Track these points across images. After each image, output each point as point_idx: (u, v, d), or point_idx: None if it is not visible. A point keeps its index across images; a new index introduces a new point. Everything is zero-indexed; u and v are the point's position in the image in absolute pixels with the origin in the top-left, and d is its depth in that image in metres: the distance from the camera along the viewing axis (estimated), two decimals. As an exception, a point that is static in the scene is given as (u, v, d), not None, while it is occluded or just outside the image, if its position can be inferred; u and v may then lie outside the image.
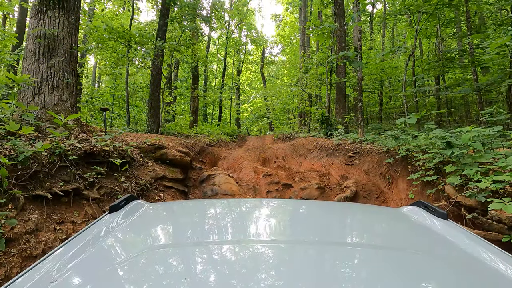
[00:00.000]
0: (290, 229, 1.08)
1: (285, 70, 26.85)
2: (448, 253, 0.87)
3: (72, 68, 4.87)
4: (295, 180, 6.42)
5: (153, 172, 4.73)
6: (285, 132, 16.41)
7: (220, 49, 27.25)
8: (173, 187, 4.89)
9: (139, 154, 4.96)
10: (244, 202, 1.67)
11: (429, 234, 0.99)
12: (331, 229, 1.08)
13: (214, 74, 28.35)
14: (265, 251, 0.81)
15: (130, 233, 1.00)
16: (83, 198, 3.29)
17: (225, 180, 5.70)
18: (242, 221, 1.18)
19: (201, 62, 16.76)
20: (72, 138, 4.08)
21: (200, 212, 1.30)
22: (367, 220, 1.24)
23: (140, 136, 6.15)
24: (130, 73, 15.03)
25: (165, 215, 1.26)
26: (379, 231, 1.12)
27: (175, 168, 5.37)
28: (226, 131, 19.35)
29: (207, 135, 15.33)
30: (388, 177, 4.72)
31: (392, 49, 6.73)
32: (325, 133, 9.60)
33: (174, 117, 17.76)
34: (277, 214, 1.30)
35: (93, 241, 0.87)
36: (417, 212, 1.16)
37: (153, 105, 11.33)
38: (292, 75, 18.95)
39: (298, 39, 27.30)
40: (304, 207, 1.43)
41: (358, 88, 7.39)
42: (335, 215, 1.29)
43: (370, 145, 6.33)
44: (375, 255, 0.80)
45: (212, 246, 0.84)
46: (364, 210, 1.50)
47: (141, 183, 4.18)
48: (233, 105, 26.73)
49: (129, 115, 13.50)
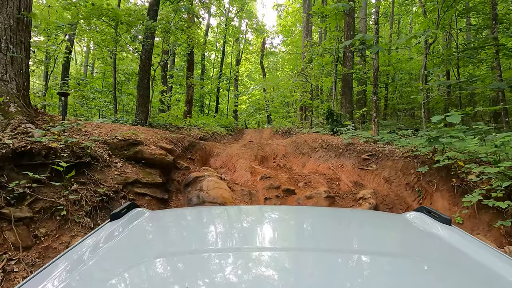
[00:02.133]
0: (294, 236, 1.07)
1: (285, 62, 25.69)
2: (455, 260, 0.85)
3: (20, 39, 3.80)
4: (298, 185, 5.45)
5: (122, 176, 3.73)
6: (285, 127, 15.40)
7: (219, 39, 25.96)
8: (148, 194, 3.89)
9: (106, 151, 3.95)
10: (245, 210, 1.70)
11: (435, 241, 0.98)
12: (335, 236, 1.06)
13: (212, 64, 27.11)
14: (268, 259, 0.80)
15: (130, 241, 0.97)
16: (3, 218, 2.29)
17: (214, 184, 4.71)
18: (244, 229, 1.16)
19: (197, 49, 15.54)
20: (8, 130, 3.05)
21: (202, 220, 1.28)
22: (372, 227, 1.21)
23: (115, 128, 5.13)
24: (123, 57, 13.89)
25: (166, 223, 1.23)
26: (385, 238, 1.08)
27: (153, 169, 4.36)
28: (222, 123, 18.30)
29: (202, 127, 14.29)
30: (418, 190, 3.76)
31: (416, 33, 5.71)
32: (331, 130, 8.60)
33: (169, 107, 16.70)
34: (280, 221, 1.26)
35: (93, 250, 0.85)
36: (422, 218, 1.14)
37: (141, 93, 10.23)
38: (295, 64, 17.80)
39: (300, 30, 26.12)
40: (308, 213, 1.40)
41: (373, 78, 6.39)
42: (338, 221, 1.26)
43: (388, 146, 5.35)
44: (381, 262, 0.79)
45: (214, 255, 0.83)
46: (368, 216, 1.49)
47: (101, 191, 3.18)
48: (231, 96, 25.61)
49: (116, 103, 12.40)
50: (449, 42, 12.57)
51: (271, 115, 23.69)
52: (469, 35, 12.93)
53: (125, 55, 14.13)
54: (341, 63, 11.35)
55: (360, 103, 13.62)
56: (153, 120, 11.43)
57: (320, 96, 15.94)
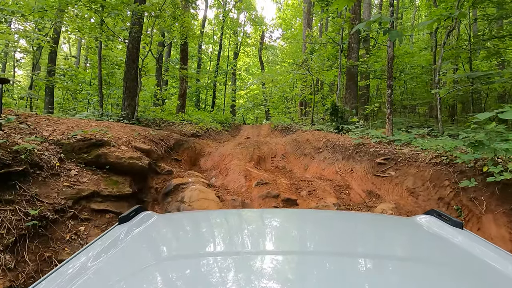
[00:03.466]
0: (302, 240, 1.06)
1: (285, 55, 24.72)
2: (467, 264, 0.82)
3: None
4: (300, 193, 4.60)
5: (74, 188, 2.85)
6: (284, 123, 14.53)
7: (216, 32, 24.90)
8: (110, 210, 3.02)
9: (56, 155, 3.07)
10: (256, 212, 1.65)
11: (446, 244, 0.95)
12: (342, 239, 1.03)
13: (209, 57, 26.08)
14: (277, 263, 0.80)
15: (138, 245, 0.96)
16: None
17: (199, 194, 3.84)
18: (253, 233, 1.13)
19: (191, 39, 14.55)
20: None
21: (210, 223, 1.25)
22: (381, 230, 1.16)
23: (81, 125, 4.24)
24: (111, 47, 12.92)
25: (174, 226, 1.20)
26: (394, 241, 1.04)
27: (122, 176, 3.49)
28: (218, 118, 17.38)
29: (196, 123, 13.39)
30: (457, 208, 2.92)
31: (442, 14, 4.83)
32: (336, 127, 7.75)
33: (164, 101, 15.78)
34: (289, 225, 1.24)
35: (101, 253, 0.85)
36: (432, 221, 1.11)
37: (128, 85, 9.30)
38: (295, 57, 16.88)
39: (300, 24, 25.11)
40: (314, 217, 1.35)
41: (388, 69, 5.52)
42: (344, 224, 1.23)
43: (407, 149, 4.50)
44: (391, 266, 0.78)
45: (221, 258, 0.82)
46: (376, 219, 1.45)
47: (32, 213, 2.30)
48: (228, 91, 24.63)
49: (102, 96, 11.45)
50: (457, 35, 11.71)
51: (269, 110, 22.81)
52: (475, 27, 12.09)
53: (116, 45, 13.15)
54: (345, 56, 10.46)
55: (363, 99, 12.75)
56: (142, 115, 10.51)
57: (321, 91, 15.05)
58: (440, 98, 6.21)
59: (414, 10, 22.17)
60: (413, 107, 14.09)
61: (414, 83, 12.69)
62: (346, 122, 7.81)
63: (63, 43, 22.92)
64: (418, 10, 21.76)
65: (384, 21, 4.95)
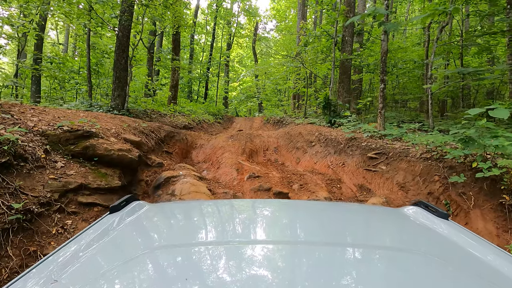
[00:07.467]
0: (293, 230, 1.06)
1: (279, 47, 24.50)
2: (452, 253, 0.85)
3: None
4: (292, 187, 4.60)
5: (61, 180, 2.78)
6: (277, 116, 14.49)
7: (209, 22, 24.44)
8: (98, 203, 2.96)
9: (41, 147, 2.97)
10: (248, 203, 1.64)
11: (432, 235, 0.97)
12: (331, 229, 1.04)
13: (201, 48, 25.63)
14: (268, 251, 0.80)
15: (129, 234, 0.96)
16: None
17: (190, 187, 3.80)
18: (245, 222, 1.14)
19: (183, 29, 14.24)
20: None
21: (202, 213, 1.24)
22: (369, 221, 1.19)
23: (68, 115, 4.12)
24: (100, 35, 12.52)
25: (165, 215, 1.20)
26: (382, 232, 1.07)
27: (111, 168, 3.41)
28: (211, 110, 17.21)
29: (188, 115, 13.25)
30: (445, 203, 2.97)
31: (436, 8, 4.81)
32: (329, 121, 7.75)
33: (155, 92, 15.49)
34: (280, 215, 1.24)
35: (92, 242, 0.85)
36: (419, 212, 1.13)
37: (118, 74, 9.07)
38: (289, 48, 16.73)
39: (294, 15, 24.83)
40: (305, 207, 1.37)
41: (381, 63, 5.50)
42: (334, 215, 1.24)
43: (398, 144, 4.54)
44: (378, 256, 0.78)
45: (213, 247, 0.83)
46: (365, 209, 1.46)
47: (16, 206, 2.23)
48: (221, 82, 24.35)
49: (91, 86, 11.16)
50: (449, 30, 11.78)
51: (262, 103, 22.69)
52: (467, 23, 12.20)
53: (105, 33, 12.76)
54: (339, 49, 10.42)
55: (356, 93, 12.78)
56: (132, 106, 10.31)
57: (314, 84, 15.02)
58: (432, 93, 6.25)
59: (408, 5, 22.16)
60: (405, 101, 14.23)
61: (406, 77, 12.76)
62: (339, 116, 7.82)
63: (51, 29, 22.16)
64: (412, 5, 21.77)
65: (379, 14, 4.92)
